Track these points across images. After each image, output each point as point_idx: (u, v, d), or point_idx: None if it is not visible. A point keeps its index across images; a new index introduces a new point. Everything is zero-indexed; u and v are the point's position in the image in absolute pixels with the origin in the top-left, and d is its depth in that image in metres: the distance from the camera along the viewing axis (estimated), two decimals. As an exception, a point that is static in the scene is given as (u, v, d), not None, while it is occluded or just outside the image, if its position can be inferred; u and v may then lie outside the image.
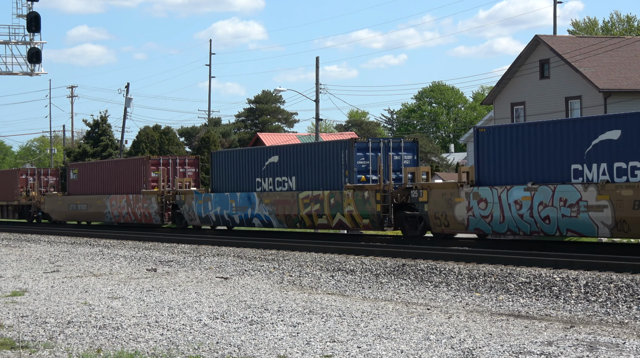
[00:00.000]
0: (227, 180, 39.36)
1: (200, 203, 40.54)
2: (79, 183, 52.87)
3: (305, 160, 35.09)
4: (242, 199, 37.92)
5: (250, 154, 38.29)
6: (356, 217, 32.47)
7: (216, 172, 40.30)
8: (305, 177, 35.03)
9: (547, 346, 12.28)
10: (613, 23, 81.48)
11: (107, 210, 48.73)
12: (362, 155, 33.06)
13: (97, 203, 49.91)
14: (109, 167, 50.58)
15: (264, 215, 36.72)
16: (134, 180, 46.68)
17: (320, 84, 55.47)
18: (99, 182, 50.54)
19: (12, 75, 43.37)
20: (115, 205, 47.87)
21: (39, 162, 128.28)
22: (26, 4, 41.07)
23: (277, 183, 36.48)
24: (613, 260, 21.62)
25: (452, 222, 28.66)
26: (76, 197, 52.51)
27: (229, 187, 39.21)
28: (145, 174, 45.74)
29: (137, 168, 46.64)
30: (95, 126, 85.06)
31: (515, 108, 47.86)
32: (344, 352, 12.18)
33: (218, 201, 39.33)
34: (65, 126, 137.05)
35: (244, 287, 20.31)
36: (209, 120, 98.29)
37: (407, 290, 19.62)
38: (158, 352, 12.37)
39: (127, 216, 46.84)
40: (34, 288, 20.53)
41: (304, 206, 34.66)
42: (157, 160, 46.21)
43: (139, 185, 46.06)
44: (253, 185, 37.73)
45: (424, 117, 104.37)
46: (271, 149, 37.47)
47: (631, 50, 47.35)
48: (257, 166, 37.56)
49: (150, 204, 44.37)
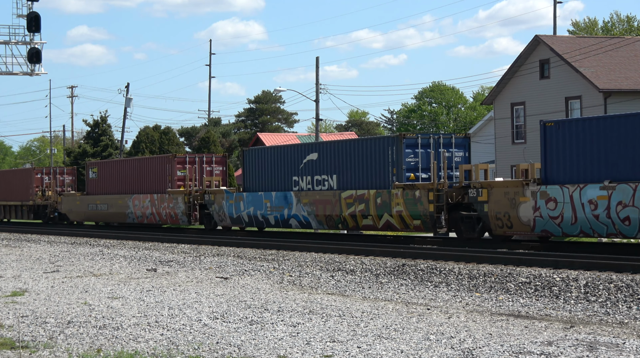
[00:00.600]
0: (261, 179, 37.37)
1: (232, 204, 38.51)
2: (98, 182, 50.59)
3: (348, 157, 33.18)
4: (277, 199, 36.07)
5: (287, 151, 36.31)
6: (406, 218, 30.50)
7: (249, 170, 38.21)
8: (347, 175, 33.19)
9: (547, 346, 12.28)
10: (613, 23, 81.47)
11: (130, 210, 46.50)
12: (411, 152, 31.15)
13: (118, 204, 47.70)
14: (132, 166, 48.10)
15: (302, 215, 34.88)
16: (159, 179, 44.57)
17: (320, 84, 55.48)
18: (121, 181, 48.30)
19: (12, 75, 43.36)
20: (138, 205, 45.70)
21: (39, 162, 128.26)
22: (26, 4, 41.07)
23: (316, 182, 34.59)
24: (613, 260, 21.62)
25: (516, 223, 26.66)
26: (96, 197, 50.16)
27: (263, 186, 37.24)
28: (170, 173, 43.69)
29: (162, 166, 44.48)
30: (95, 126, 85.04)
31: (515, 108, 47.87)
32: (344, 352, 12.18)
33: (251, 201, 37.36)
34: (65, 126, 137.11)
35: (244, 287, 20.31)
36: (209, 120, 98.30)
37: (407, 290, 19.62)
38: (158, 352, 12.37)
39: (152, 217, 44.59)
40: (34, 288, 20.53)
41: (346, 206, 32.78)
42: (184, 158, 44.17)
43: (164, 185, 43.98)
44: (289, 184, 35.83)
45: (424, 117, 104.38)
46: (310, 146, 35.60)
47: (631, 50, 47.35)
48: (294, 164, 35.64)
49: (176, 204, 42.27)
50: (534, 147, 45.75)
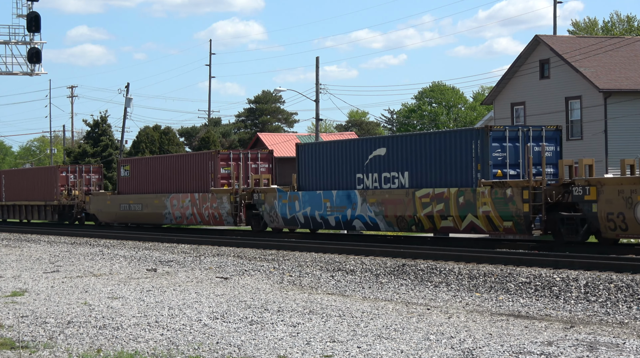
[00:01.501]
0: (319, 176, 34.46)
1: (285, 203, 35.60)
2: (131, 181, 47.40)
3: (421, 152, 30.21)
4: (339, 198, 33.09)
5: (349, 147, 33.37)
6: (494, 219, 27.52)
7: (304, 167, 35.19)
8: (421, 172, 30.22)
9: (547, 346, 12.28)
10: (613, 23, 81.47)
11: (167, 210, 43.35)
12: (498, 146, 28.22)
13: (154, 203, 44.54)
14: (169, 163, 44.77)
15: (369, 216, 31.87)
16: (200, 177, 41.56)
17: (320, 84, 55.48)
18: (157, 180, 45.14)
19: (12, 75, 43.34)
20: (177, 205, 42.60)
21: (39, 162, 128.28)
22: (26, 4, 41.07)
23: (384, 179, 31.63)
24: (613, 260, 21.62)
25: (633, 225, 24.00)
26: (128, 196, 46.95)
27: (321, 185, 34.36)
28: (213, 170, 40.80)
29: (204, 164, 41.53)
30: (95, 126, 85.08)
31: (515, 108, 47.86)
32: (344, 352, 12.17)
33: (308, 201, 34.47)
34: (65, 126, 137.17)
35: (244, 287, 20.31)
36: (209, 120, 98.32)
37: (407, 290, 19.62)
38: (158, 352, 12.37)
39: (192, 217, 41.65)
40: (34, 289, 20.53)
41: (422, 206, 29.76)
42: (227, 154, 41.12)
43: (206, 183, 41.10)
44: (352, 182, 32.88)
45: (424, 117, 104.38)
46: (376, 141, 32.52)
47: (631, 50, 47.34)
48: (358, 160, 32.63)
49: (220, 204, 39.32)
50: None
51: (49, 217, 56.38)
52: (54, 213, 55.56)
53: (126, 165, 48.38)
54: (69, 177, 55.22)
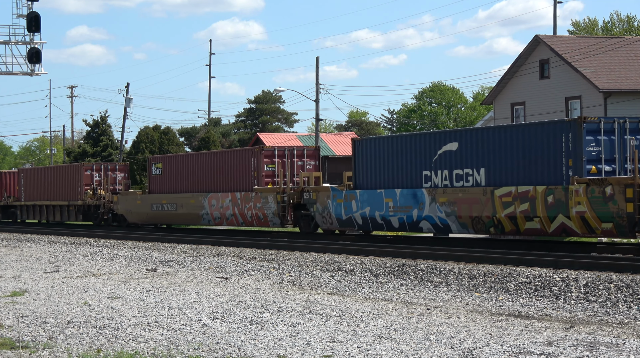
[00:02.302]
0: (379, 174, 31.79)
1: (340, 203, 33.09)
2: (164, 179, 44.54)
3: (500, 147, 27.75)
4: (403, 197, 30.52)
5: (414, 141, 30.70)
6: (591, 220, 25.03)
7: (362, 164, 32.56)
8: (500, 168, 27.70)
9: (547, 346, 12.28)
10: (613, 23, 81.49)
11: (205, 211, 40.72)
12: (592, 140, 25.66)
13: (190, 203, 41.84)
14: (207, 160, 41.89)
15: (439, 217, 29.30)
16: (242, 175, 38.95)
17: (320, 84, 55.49)
18: (193, 178, 42.33)
19: (12, 75, 43.37)
20: (215, 205, 39.99)
21: (39, 162, 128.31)
22: (26, 4, 41.09)
23: (455, 177, 29.04)
24: (613, 260, 21.62)
25: None
26: (161, 196, 44.11)
27: (381, 183, 31.70)
28: (257, 168, 38.24)
29: (246, 161, 38.97)
30: (95, 126, 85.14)
31: (515, 108, 47.88)
32: (344, 352, 12.18)
33: (367, 200, 31.86)
34: (65, 126, 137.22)
35: (244, 287, 20.31)
36: (209, 120, 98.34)
37: (407, 290, 19.63)
38: (158, 352, 12.37)
39: (233, 218, 39.08)
40: (34, 289, 20.53)
41: (502, 206, 27.23)
42: (272, 151, 38.60)
43: (248, 182, 38.60)
44: (419, 179, 30.25)
45: (424, 117, 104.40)
46: (447, 134, 29.77)
47: (631, 50, 47.36)
48: (425, 156, 29.99)
49: (266, 204, 36.82)
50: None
51: (72, 218, 53.54)
52: (77, 214, 52.71)
53: (158, 163, 45.43)
54: (93, 176, 52.49)
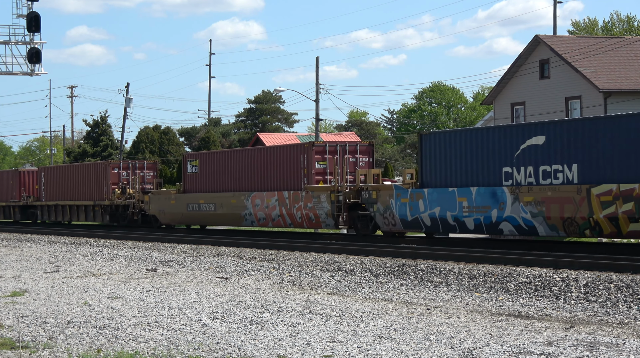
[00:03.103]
0: (450, 170, 29.23)
1: (405, 203, 30.55)
2: (200, 177, 42.07)
3: (597, 139, 25.17)
4: (480, 197, 28.05)
5: (492, 135, 28.14)
6: None
7: (430, 160, 29.99)
8: (597, 164, 25.14)
9: (547, 346, 12.28)
10: (613, 23, 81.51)
11: (247, 211, 38.35)
12: None
13: (230, 203, 39.48)
14: (250, 157, 39.28)
15: (523, 218, 26.80)
16: (290, 173, 36.55)
17: (320, 84, 55.49)
18: (234, 176, 39.86)
19: (12, 75, 43.38)
20: (260, 205, 37.63)
21: (39, 162, 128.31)
22: (26, 4, 41.11)
23: (542, 173, 26.45)
24: (613, 260, 21.62)
25: None
26: (198, 196, 41.72)
27: (454, 180, 29.12)
28: (307, 165, 35.69)
29: (295, 158, 36.49)
30: (95, 126, 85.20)
31: (515, 108, 47.88)
32: (344, 352, 12.18)
33: (436, 199, 29.37)
34: (65, 126, 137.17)
35: (244, 287, 20.31)
36: (209, 120, 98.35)
37: (407, 290, 19.63)
38: (158, 352, 12.37)
39: (279, 219, 36.77)
40: (34, 289, 20.54)
41: (600, 206, 24.79)
42: (323, 147, 36.02)
43: (297, 180, 36.11)
44: (498, 177, 27.70)
45: (424, 117, 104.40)
46: (531, 128, 27.10)
47: (631, 50, 47.37)
48: (506, 150, 27.48)
49: (318, 204, 34.47)
50: (534, 147, 45.73)
51: (98, 219, 51.08)
52: (104, 215, 50.24)
53: (194, 160, 42.84)
54: (120, 174, 49.94)
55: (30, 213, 59.53)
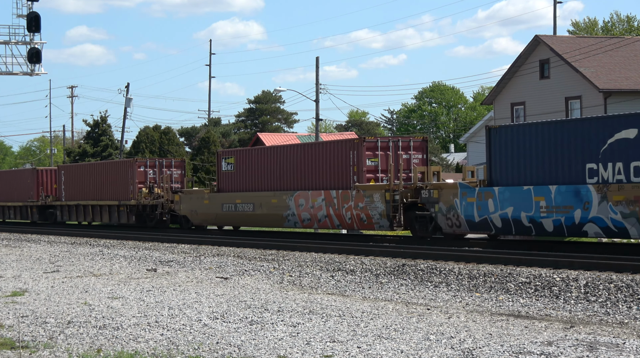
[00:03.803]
0: (525, 167, 26.86)
1: (472, 203, 28.29)
2: (237, 176, 39.54)
3: None
4: (560, 195, 25.66)
5: (573, 128, 25.87)
6: None
7: (501, 156, 27.55)
8: None
9: (547, 346, 12.28)
10: (613, 23, 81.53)
11: (290, 211, 36.00)
12: None
13: (271, 203, 37.08)
14: (293, 154, 36.89)
15: (612, 219, 24.44)
16: (339, 170, 34.17)
17: (320, 84, 55.50)
18: (274, 175, 37.45)
19: (12, 75, 43.40)
20: (304, 205, 35.29)
21: (39, 162, 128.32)
22: (26, 4, 41.12)
23: (634, 170, 24.04)
24: (613, 260, 21.62)
25: None
26: (234, 195, 39.18)
27: (528, 178, 26.67)
28: (357, 162, 33.39)
29: (343, 154, 34.01)
30: (95, 126, 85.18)
31: (515, 108, 47.88)
32: (344, 352, 12.18)
33: (509, 198, 26.97)
34: (65, 126, 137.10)
35: (244, 287, 20.31)
36: (209, 120, 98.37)
37: (407, 290, 19.63)
38: (158, 352, 12.37)
39: (326, 220, 34.46)
40: (34, 288, 20.54)
41: None
42: (374, 143, 33.59)
43: (346, 178, 33.75)
44: (581, 174, 25.34)
45: (424, 117, 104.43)
46: (621, 120, 24.73)
47: (631, 50, 47.38)
48: (590, 145, 25.15)
49: (370, 204, 32.07)
50: (534, 147, 45.74)
51: (123, 219, 48.53)
52: (130, 215, 47.71)
53: (229, 157, 40.30)
54: (147, 172, 47.21)
55: (49, 213, 56.90)
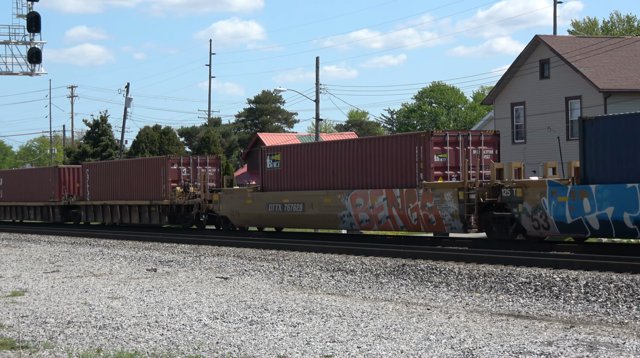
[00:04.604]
0: (627, 162, 23.99)
1: (563, 202, 25.56)
2: (284, 174, 36.46)
3: None
4: None
5: None
6: None
7: (596, 150, 24.77)
8: None
9: (547, 346, 12.28)
10: (613, 23, 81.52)
11: (346, 212, 32.91)
12: None
13: (323, 203, 34.06)
14: (348, 150, 33.67)
15: None
16: (402, 167, 31.28)
17: (320, 84, 55.50)
18: (327, 172, 34.42)
19: (12, 75, 43.41)
20: (362, 205, 32.24)
21: (39, 162, 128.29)
22: (26, 4, 41.13)
23: None
24: (613, 260, 21.62)
25: None
26: (282, 194, 36.24)
27: (632, 175, 23.81)
28: (423, 158, 30.56)
29: (407, 149, 31.14)
30: (95, 126, 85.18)
31: (515, 108, 47.88)
32: (344, 352, 12.18)
33: (608, 198, 24.19)
34: (65, 126, 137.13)
35: (244, 287, 20.31)
36: (209, 120, 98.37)
37: (407, 290, 19.63)
38: (158, 352, 12.37)
39: (389, 221, 31.28)
40: (34, 289, 20.54)
41: None
42: (442, 137, 30.81)
43: (410, 175, 30.89)
44: None
45: (424, 117, 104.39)
46: None
47: (631, 50, 47.39)
48: None
49: (440, 204, 29.27)
50: (533, 147, 45.78)
51: (154, 220, 45.44)
52: (162, 215, 44.65)
53: (275, 154, 37.18)
54: (181, 171, 44.34)
55: (73, 214, 53.71)
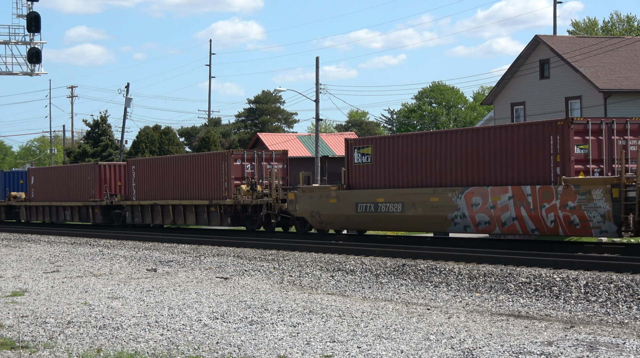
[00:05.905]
0: None
1: None
2: (375, 169, 32.13)
3: None
4: None
5: None
6: None
7: None
8: None
9: (547, 346, 12.28)
10: (613, 23, 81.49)
11: (459, 212, 28.50)
12: None
13: (429, 203, 29.65)
14: (458, 140, 29.29)
15: None
16: (532, 159, 26.91)
17: (320, 84, 55.48)
18: (432, 166, 30.02)
19: (12, 75, 43.40)
20: (480, 204, 27.87)
21: (39, 162, 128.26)
22: (26, 4, 41.14)
23: None
24: (613, 260, 21.63)
25: None
26: (375, 192, 31.73)
27: None
28: (560, 149, 26.22)
29: (539, 140, 26.85)
30: (95, 126, 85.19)
31: (515, 108, 47.88)
32: (344, 352, 12.18)
33: None
34: (65, 126, 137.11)
35: (244, 287, 20.31)
36: (209, 120, 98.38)
37: (407, 290, 19.62)
38: (158, 352, 12.37)
39: (515, 223, 26.95)
40: (34, 289, 20.53)
41: None
42: (583, 125, 26.31)
43: (544, 170, 26.55)
44: None
45: (424, 117, 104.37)
46: None
47: (631, 50, 47.37)
48: None
49: (587, 203, 24.85)
50: (534, 147, 45.72)
51: (214, 221, 41.30)
52: (224, 216, 40.36)
53: (364, 147, 32.75)
54: (245, 167, 40.17)
55: (116, 214, 49.62)
